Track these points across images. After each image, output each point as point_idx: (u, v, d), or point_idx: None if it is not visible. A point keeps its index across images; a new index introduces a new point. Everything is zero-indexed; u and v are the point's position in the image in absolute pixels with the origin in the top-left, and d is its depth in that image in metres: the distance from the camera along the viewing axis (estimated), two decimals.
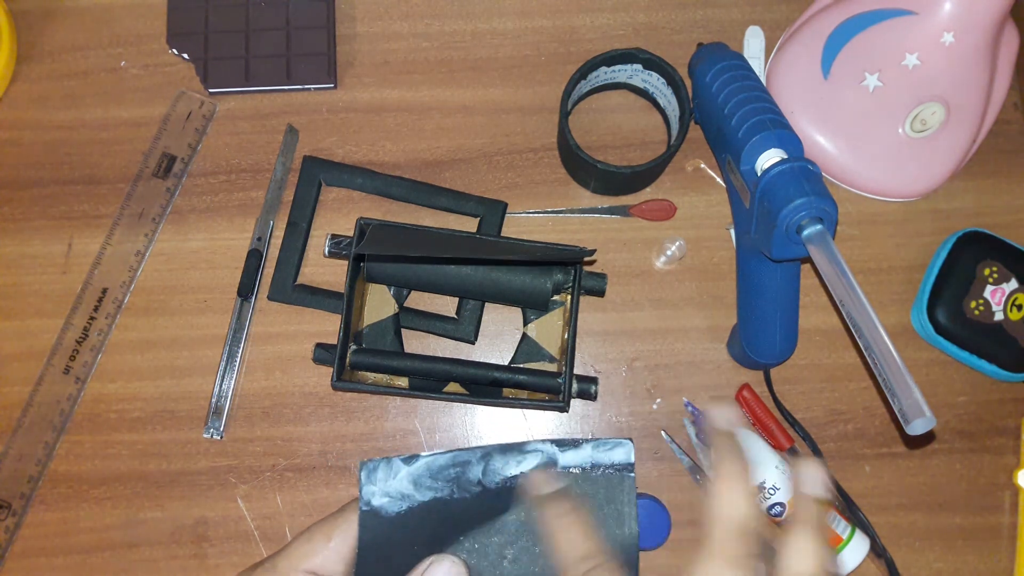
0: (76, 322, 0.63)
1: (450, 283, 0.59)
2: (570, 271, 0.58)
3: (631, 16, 0.69)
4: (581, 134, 0.66)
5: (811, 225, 0.49)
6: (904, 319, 0.65)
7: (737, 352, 0.63)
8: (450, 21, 0.69)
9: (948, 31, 0.59)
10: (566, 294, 0.60)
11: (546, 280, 0.58)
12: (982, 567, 0.62)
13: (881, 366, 0.44)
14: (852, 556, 0.58)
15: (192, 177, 0.66)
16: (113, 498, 0.62)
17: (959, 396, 0.64)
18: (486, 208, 0.64)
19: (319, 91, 0.68)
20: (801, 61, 0.64)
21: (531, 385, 0.58)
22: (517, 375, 0.58)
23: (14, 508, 0.61)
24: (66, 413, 0.62)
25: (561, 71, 0.68)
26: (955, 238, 0.64)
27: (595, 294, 0.61)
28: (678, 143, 0.61)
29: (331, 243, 0.61)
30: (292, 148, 0.66)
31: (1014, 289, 0.63)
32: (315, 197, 0.65)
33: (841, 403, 0.64)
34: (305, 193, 0.64)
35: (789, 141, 0.54)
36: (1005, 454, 0.64)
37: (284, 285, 0.63)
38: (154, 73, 0.68)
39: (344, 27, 0.69)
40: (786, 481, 0.59)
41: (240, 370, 0.63)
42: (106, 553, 0.61)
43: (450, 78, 0.68)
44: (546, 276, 0.58)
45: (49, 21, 0.68)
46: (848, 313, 0.46)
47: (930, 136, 0.63)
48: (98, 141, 0.67)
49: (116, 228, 0.65)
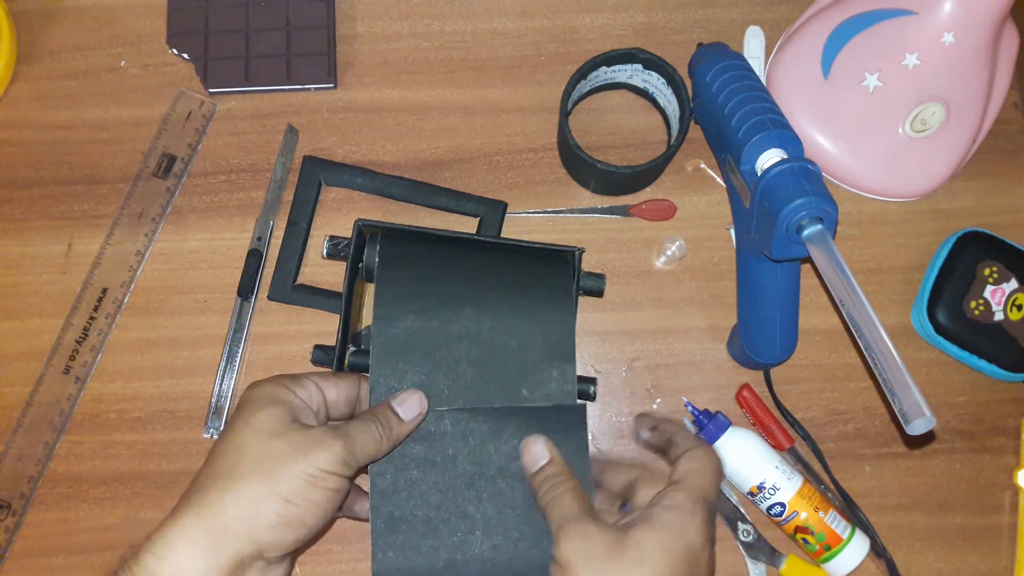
0: (76, 322, 0.63)
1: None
2: (570, 272, 0.58)
3: (631, 16, 0.69)
4: (581, 134, 0.66)
5: (811, 225, 0.49)
6: (904, 319, 0.65)
7: (737, 352, 0.63)
8: (450, 21, 0.69)
9: (948, 31, 0.59)
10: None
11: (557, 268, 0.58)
12: (982, 567, 0.62)
13: (881, 366, 0.44)
14: (853, 554, 0.58)
15: (192, 177, 0.66)
16: (113, 498, 0.62)
17: (959, 396, 0.64)
18: (486, 208, 0.64)
19: (319, 91, 0.68)
20: (801, 61, 0.64)
21: None
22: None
23: (14, 508, 0.61)
24: (66, 413, 0.62)
25: (561, 71, 0.68)
26: (955, 238, 0.64)
27: (594, 294, 0.60)
28: (678, 143, 0.61)
29: (329, 244, 0.60)
30: (292, 148, 0.66)
31: (1014, 289, 0.63)
32: (315, 197, 0.65)
33: (841, 403, 0.64)
34: (305, 193, 0.64)
35: (789, 141, 0.54)
36: (1005, 454, 0.64)
37: (284, 285, 0.63)
38: (154, 73, 0.68)
39: (344, 27, 0.69)
40: (786, 481, 0.59)
41: (240, 370, 0.63)
42: (106, 553, 0.61)
43: (450, 78, 0.68)
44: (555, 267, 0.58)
45: (49, 21, 0.68)
46: (848, 313, 0.46)
47: (930, 136, 0.63)
48: (98, 141, 0.67)
49: (116, 228, 0.65)
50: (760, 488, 0.59)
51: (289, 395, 0.47)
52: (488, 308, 0.52)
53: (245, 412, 0.46)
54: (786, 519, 0.59)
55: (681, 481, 0.45)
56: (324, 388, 0.49)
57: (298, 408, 0.47)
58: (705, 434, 0.60)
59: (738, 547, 0.61)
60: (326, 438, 0.45)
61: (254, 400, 0.47)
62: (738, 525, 0.61)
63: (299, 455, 0.44)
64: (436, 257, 0.54)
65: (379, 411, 0.48)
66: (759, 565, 0.61)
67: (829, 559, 0.58)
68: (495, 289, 0.53)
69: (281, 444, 0.44)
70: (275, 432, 0.45)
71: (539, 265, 0.55)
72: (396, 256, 0.54)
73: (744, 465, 0.59)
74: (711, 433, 0.60)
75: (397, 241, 0.55)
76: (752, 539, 0.61)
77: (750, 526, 0.61)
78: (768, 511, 0.60)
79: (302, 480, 0.44)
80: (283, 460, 0.44)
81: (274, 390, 0.47)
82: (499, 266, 0.54)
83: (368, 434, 0.47)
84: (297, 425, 0.46)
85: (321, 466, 0.44)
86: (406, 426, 0.49)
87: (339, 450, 0.45)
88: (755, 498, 0.60)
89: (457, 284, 0.53)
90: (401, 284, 0.53)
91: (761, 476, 0.59)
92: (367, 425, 0.47)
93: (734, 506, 0.61)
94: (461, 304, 0.52)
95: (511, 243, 0.57)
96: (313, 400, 0.49)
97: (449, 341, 0.52)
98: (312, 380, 0.49)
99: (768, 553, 0.61)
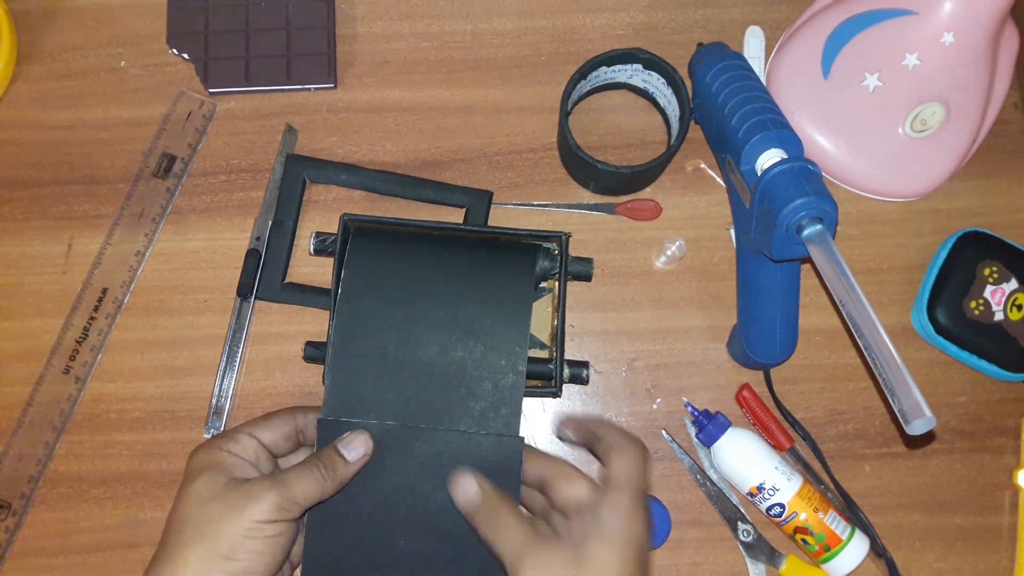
0: (76, 322, 0.63)
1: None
2: (556, 258, 0.58)
3: (631, 16, 0.69)
4: (581, 134, 0.66)
5: (811, 225, 0.49)
6: (904, 319, 0.65)
7: (737, 352, 0.63)
8: (450, 21, 0.69)
9: (948, 31, 0.59)
10: (553, 280, 0.60)
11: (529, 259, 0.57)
12: (982, 567, 0.62)
13: (881, 366, 0.44)
14: (853, 555, 0.58)
15: (192, 177, 0.66)
16: (113, 498, 0.62)
17: (959, 396, 0.64)
18: (472, 198, 0.64)
19: (319, 91, 0.68)
20: (801, 61, 0.64)
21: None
22: None
23: (14, 508, 0.61)
24: (66, 413, 0.62)
25: (561, 71, 0.68)
26: (955, 238, 0.64)
27: (582, 279, 0.61)
28: (678, 143, 0.61)
29: (316, 241, 0.60)
30: (291, 148, 0.66)
31: (1014, 289, 0.63)
32: (300, 195, 0.65)
33: (841, 403, 0.64)
34: (290, 191, 0.64)
35: (789, 141, 0.54)
36: (1005, 454, 0.64)
37: (272, 284, 0.63)
38: (154, 73, 0.68)
39: (344, 27, 0.69)
40: (786, 482, 0.59)
41: (240, 370, 0.63)
42: (106, 553, 0.61)
43: (450, 78, 0.68)
44: (528, 258, 0.57)
45: (49, 21, 0.68)
46: (848, 313, 0.46)
47: (930, 136, 0.63)
48: (98, 141, 0.67)
49: (116, 228, 0.65)
50: (760, 489, 0.59)
51: (221, 455, 0.49)
52: (451, 315, 0.53)
53: (185, 482, 0.49)
54: (785, 520, 0.59)
55: (617, 480, 0.46)
56: (257, 434, 0.51)
57: (232, 465, 0.49)
58: (705, 434, 0.60)
59: (738, 547, 0.61)
60: (258, 489, 0.47)
61: (191, 469, 0.49)
62: (738, 525, 0.61)
63: (233, 512, 0.46)
64: (407, 251, 0.55)
65: (324, 454, 0.50)
66: (759, 565, 0.61)
67: (829, 560, 0.58)
68: (459, 295, 0.54)
69: (217, 506, 0.46)
70: (210, 496, 0.47)
71: (504, 272, 0.55)
72: (366, 248, 0.55)
73: (744, 466, 0.59)
74: (711, 433, 0.60)
75: (370, 235, 0.55)
76: (752, 539, 0.61)
77: (750, 526, 0.61)
78: (768, 512, 0.60)
79: (240, 536, 0.46)
80: (219, 520, 0.46)
81: (207, 455, 0.49)
82: (467, 265, 0.55)
83: (308, 478, 0.48)
84: (232, 483, 0.47)
85: (256, 518, 0.46)
86: (352, 467, 0.50)
87: (273, 498, 0.46)
88: (755, 499, 0.60)
89: (423, 282, 0.54)
90: (366, 275, 0.54)
91: (761, 477, 0.59)
92: (308, 469, 0.49)
93: (734, 506, 0.61)
94: (423, 304, 0.53)
95: (495, 231, 0.57)
96: (248, 451, 0.50)
97: (407, 339, 0.52)
98: (244, 432, 0.51)
99: (768, 553, 0.61)
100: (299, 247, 0.65)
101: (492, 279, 0.54)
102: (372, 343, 0.52)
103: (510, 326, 0.53)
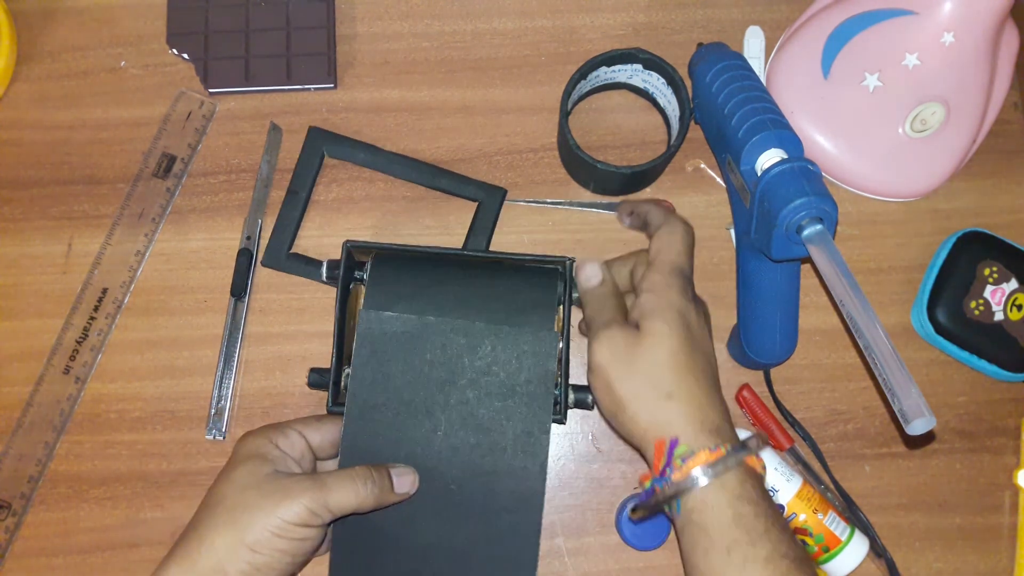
0: (76, 322, 0.63)
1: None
2: (560, 284, 0.57)
3: (631, 16, 0.69)
4: (581, 134, 0.66)
5: (811, 225, 0.49)
6: (904, 319, 0.65)
7: (737, 352, 0.63)
8: (450, 21, 0.69)
9: (948, 31, 0.59)
10: (558, 306, 0.60)
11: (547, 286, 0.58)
12: (982, 567, 0.62)
13: (881, 366, 0.44)
14: (852, 556, 0.58)
15: (192, 177, 0.66)
16: (113, 498, 0.62)
17: (959, 396, 0.64)
18: (485, 193, 0.65)
19: (319, 91, 0.68)
20: (801, 61, 0.64)
21: None
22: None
23: (14, 508, 0.61)
24: (66, 413, 0.62)
25: (561, 71, 0.68)
26: (955, 238, 0.64)
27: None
28: (678, 143, 0.61)
29: (328, 269, 0.58)
30: (276, 147, 0.66)
31: (1014, 289, 0.63)
32: (317, 167, 0.65)
33: (841, 403, 0.64)
34: (308, 163, 0.65)
35: (789, 141, 0.54)
36: (1005, 454, 0.64)
37: (278, 252, 0.64)
38: (154, 73, 0.68)
39: (344, 27, 0.69)
40: (785, 483, 0.59)
41: (239, 370, 0.63)
42: (106, 553, 0.61)
43: (450, 78, 0.68)
44: (547, 285, 0.57)
45: (49, 21, 0.68)
46: (848, 313, 0.46)
47: (930, 136, 0.63)
48: (98, 141, 0.67)
49: (116, 228, 0.65)
50: None
51: (269, 447, 0.51)
52: (472, 321, 0.55)
53: (229, 465, 0.50)
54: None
55: (652, 260, 0.52)
56: (307, 434, 0.53)
57: (277, 458, 0.50)
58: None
59: None
60: (296, 489, 0.47)
61: (238, 454, 0.50)
62: None
63: (267, 506, 0.47)
64: (425, 270, 0.56)
65: (376, 470, 0.51)
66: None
67: (828, 560, 0.58)
68: (483, 311, 0.55)
69: (253, 495, 0.47)
70: (249, 484, 0.48)
71: (525, 284, 0.57)
72: (387, 267, 0.56)
73: None
74: None
75: (388, 258, 0.57)
76: None
77: None
78: None
79: (268, 531, 0.46)
80: (252, 510, 0.47)
81: (256, 444, 0.51)
82: (487, 284, 0.56)
83: (351, 487, 0.49)
84: (273, 475, 0.48)
85: (285, 518, 0.47)
86: (393, 496, 0.51)
87: (306, 502, 0.47)
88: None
89: (445, 297, 0.55)
90: (390, 286, 0.55)
91: None
92: (355, 478, 0.49)
93: None
94: (447, 313, 0.55)
95: (500, 256, 0.58)
96: (296, 448, 0.52)
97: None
98: (295, 428, 0.52)
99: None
100: (308, 220, 0.65)
101: (518, 292, 0.56)
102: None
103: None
